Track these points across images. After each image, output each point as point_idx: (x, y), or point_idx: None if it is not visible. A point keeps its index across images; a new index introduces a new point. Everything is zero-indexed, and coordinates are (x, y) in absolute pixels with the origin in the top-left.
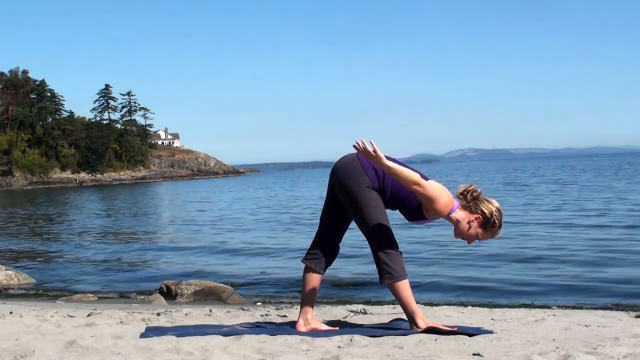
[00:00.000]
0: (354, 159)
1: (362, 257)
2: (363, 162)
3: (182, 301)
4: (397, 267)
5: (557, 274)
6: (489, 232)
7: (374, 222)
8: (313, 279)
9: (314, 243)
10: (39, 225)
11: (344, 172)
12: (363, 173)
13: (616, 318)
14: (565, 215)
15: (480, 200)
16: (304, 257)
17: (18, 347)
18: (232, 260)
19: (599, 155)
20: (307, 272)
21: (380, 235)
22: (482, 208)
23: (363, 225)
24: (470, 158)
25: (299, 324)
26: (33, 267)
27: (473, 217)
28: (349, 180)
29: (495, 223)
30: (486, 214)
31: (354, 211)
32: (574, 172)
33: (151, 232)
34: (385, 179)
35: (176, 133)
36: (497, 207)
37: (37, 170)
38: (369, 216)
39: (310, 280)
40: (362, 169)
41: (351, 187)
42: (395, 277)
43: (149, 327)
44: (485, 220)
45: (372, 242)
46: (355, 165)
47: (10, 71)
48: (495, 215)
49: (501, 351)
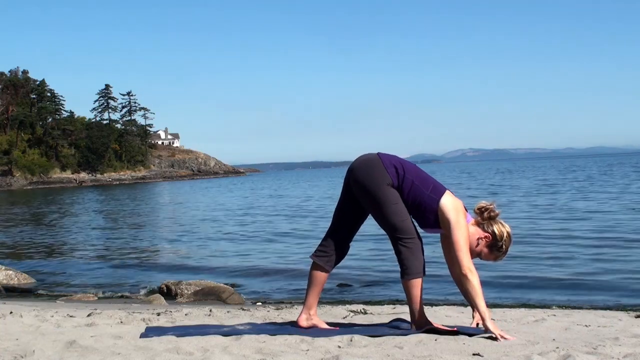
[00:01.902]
0: (376, 157)
1: (362, 257)
2: (384, 160)
3: (182, 301)
4: (416, 264)
5: (558, 274)
6: (493, 254)
7: (396, 218)
8: (320, 275)
9: (325, 240)
10: (39, 225)
11: (364, 170)
12: (384, 171)
13: (616, 318)
14: (565, 215)
15: (495, 221)
16: (313, 254)
17: (18, 347)
18: (232, 260)
19: (600, 155)
20: (315, 269)
21: (403, 232)
22: (494, 229)
23: (385, 223)
24: (470, 158)
25: (301, 318)
26: (33, 267)
27: (483, 235)
28: (370, 178)
29: (502, 248)
30: (497, 235)
31: (375, 209)
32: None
33: (151, 232)
34: (405, 180)
35: (176, 133)
36: (508, 232)
37: (37, 170)
38: (391, 213)
39: (317, 276)
40: (384, 167)
41: (372, 185)
42: (410, 275)
43: (149, 327)
44: (494, 241)
45: (395, 239)
46: (376, 163)
47: (10, 71)
48: (504, 240)
49: (501, 351)
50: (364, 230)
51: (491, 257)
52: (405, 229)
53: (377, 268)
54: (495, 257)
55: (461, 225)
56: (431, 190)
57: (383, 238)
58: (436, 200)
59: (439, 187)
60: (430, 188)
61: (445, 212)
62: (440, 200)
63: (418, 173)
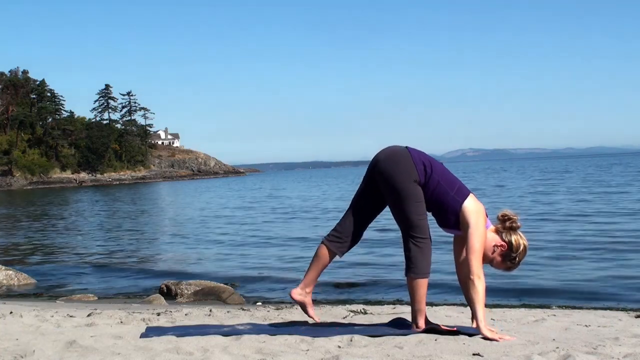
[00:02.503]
0: (405, 152)
1: (362, 257)
2: (414, 156)
3: (182, 301)
4: (425, 264)
5: (558, 274)
6: (505, 264)
7: (415, 216)
8: (327, 258)
9: (339, 226)
10: (39, 225)
11: (391, 162)
12: (413, 167)
13: (616, 318)
14: (564, 216)
15: (515, 232)
16: (326, 238)
17: (18, 347)
18: (232, 260)
19: (600, 155)
20: (323, 250)
21: (419, 231)
22: (512, 239)
23: (402, 218)
24: (470, 158)
25: (295, 291)
26: (33, 267)
27: (499, 243)
28: (397, 171)
29: (515, 260)
30: (513, 246)
31: (396, 202)
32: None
33: (151, 232)
34: (431, 180)
35: (176, 133)
36: (525, 246)
37: (37, 170)
38: (411, 210)
39: (324, 257)
40: (413, 163)
41: (397, 178)
42: (418, 274)
43: (149, 327)
44: (509, 251)
45: (408, 235)
46: (406, 157)
47: (10, 71)
48: (519, 252)
49: (501, 351)
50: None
51: (502, 266)
52: (421, 228)
53: (377, 268)
54: (507, 267)
55: (480, 230)
56: (455, 192)
57: (383, 238)
58: (459, 202)
59: (464, 189)
60: (455, 189)
61: (466, 215)
62: (464, 203)
63: (444, 173)
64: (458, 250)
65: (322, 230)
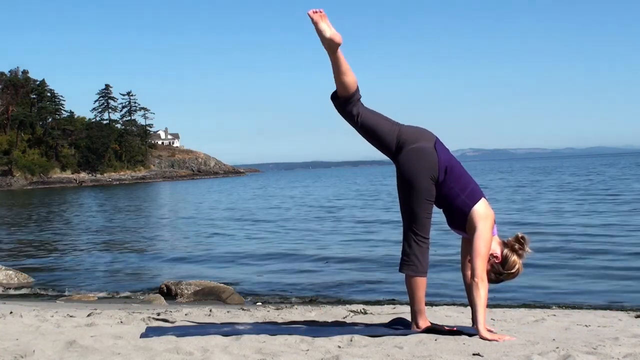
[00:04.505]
0: (432, 149)
1: (362, 257)
2: (440, 156)
3: (182, 301)
4: (424, 263)
5: (558, 274)
6: (490, 275)
7: (423, 214)
8: (418, 283)
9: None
10: (39, 225)
11: (416, 155)
12: (436, 165)
13: (616, 318)
14: (565, 215)
15: (518, 254)
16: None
17: (18, 347)
18: (232, 260)
19: (600, 155)
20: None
21: (423, 229)
22: (510, 257)
23: (409, 211)
24: (470, 158)
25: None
26: (33, 267)
27: (496, 254)
28: (419, 164)
29: (501, 276)
30: (507, 264)
31: (408, 194)
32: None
33: (151, 232)
34: (446, 180)
35: (176, 133)
36: (518, 269)
37: (37, 170)
38: (420, 207)
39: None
40: (437, 162)
41: (417, 172)
42: (418, 272)
43: (149, 327)
44: (500, 266)
45: (411, 231)
46: (431, 154)
47: (10, 71)
48: (509, 272)
49: (501, 351)
50: (365, 230)
51: (487, 277)
52: (426, 227)
53: (377, 268)
54: (490, 279)
55: (486, 235)
56: (467, 195)
57: (383, 238)
58: (470, 205)
59: (476, 192)
60: (467, 192)
61: (474, 219)
62: (474, 207)
63: (461, 174)
64: (465, 252)
65: (323, 230)
